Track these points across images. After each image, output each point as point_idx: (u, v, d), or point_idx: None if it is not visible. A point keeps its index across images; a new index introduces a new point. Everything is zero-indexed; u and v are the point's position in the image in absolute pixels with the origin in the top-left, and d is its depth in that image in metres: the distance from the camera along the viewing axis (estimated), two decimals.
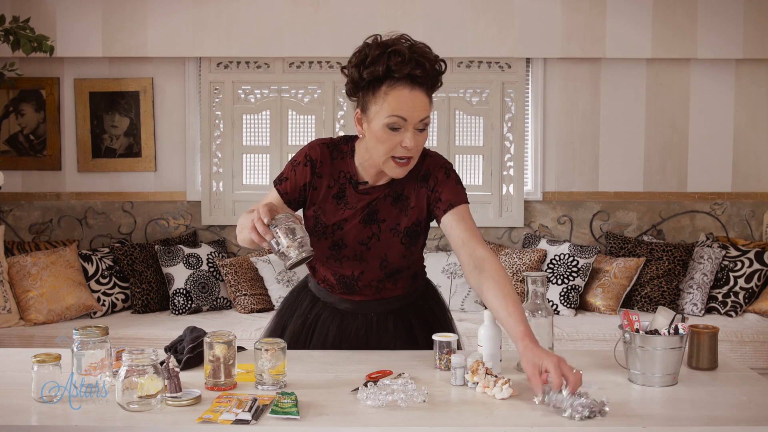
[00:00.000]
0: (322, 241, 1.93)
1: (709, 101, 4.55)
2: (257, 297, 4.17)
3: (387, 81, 1.76)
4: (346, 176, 1.93)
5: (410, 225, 1.92)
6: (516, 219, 4.57)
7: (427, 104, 1.78)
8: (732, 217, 4.60)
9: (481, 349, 1.77)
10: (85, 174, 4.57)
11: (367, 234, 1.92)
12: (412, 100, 1.75)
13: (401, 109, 1.75)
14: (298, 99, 4.55)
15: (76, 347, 1.60)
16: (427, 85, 1.78)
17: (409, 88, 1.75)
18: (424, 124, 1.78)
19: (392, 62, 1.74)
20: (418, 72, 1.74)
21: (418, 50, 1.76)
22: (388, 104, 1.76)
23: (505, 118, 4.54)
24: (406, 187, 1.92)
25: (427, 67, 1.75)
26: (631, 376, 1.72)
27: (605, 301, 4.11)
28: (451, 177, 1.91)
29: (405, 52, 1.74)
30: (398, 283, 1.99)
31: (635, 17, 4.39)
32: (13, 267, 3.95)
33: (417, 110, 1.76)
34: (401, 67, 1.73)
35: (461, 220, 1.84)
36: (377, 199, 1.91)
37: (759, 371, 3.41)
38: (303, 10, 4.36)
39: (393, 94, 1.76)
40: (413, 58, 1.74)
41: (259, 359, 1.64)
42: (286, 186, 1.93)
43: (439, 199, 1.88)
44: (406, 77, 1.75)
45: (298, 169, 1.93)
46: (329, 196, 1.93)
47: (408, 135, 1.76)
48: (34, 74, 4.48)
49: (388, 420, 1.46)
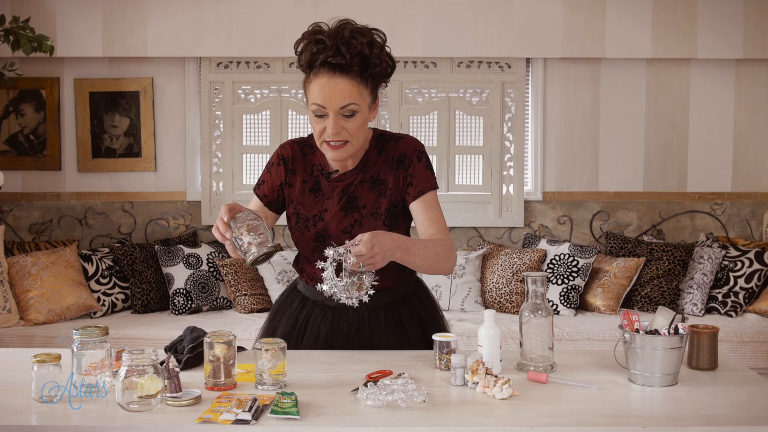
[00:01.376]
0: (306, 235, 1.95)
1: (709, 101, 4.55)
2: (257, 297, 4.17)
3: (313, 69, 1.81)
4: (318, 168, 1.98)
5: (390, 206, 1.95)
6: (516, 219, 4.57)
7: (351, 91, 1.79)
8: (732, 217, 4.60)
9: (481, 349, 1.77)
10: (85, 174, 4.57)
11: (349, 221, 1.94)
12: (331, 88, 1.78)
13: (319, 97, 1.79)
14: (298, 99, 4.55)
15: (76, 347, 1.60)
16: (353, 71, 1.78)
17: (329, 76, 1.78)
18: (350, 110, 1.80)
19: (315, 49, 1.78)
20: (337, 59, 1.76)
21: (344, 36, 1.77)
22: (311, 92, 1.82)
23: (505, 118, 4.54)
24: (381, 170, 1.96)
25: (344, 53, 1.75)
26: (631, 376, 1.72)
27: (605, 301, 4.11)
28: (422, 161, 1.95)
29: (326, 40, 1.77)
30: (385, 271, 1.96)
31: (635, 17, 4.39)
32: (13, 267, 3.95)
33: (335, 98, 1.78)
34: (319, 54, 1.77)
35: (428, 208, 1.92)
36: (353, 186, 1.95)
37: (759, 371, 3.41)
38: (303, 10, 4.37)
39: (315, 82, 1.81)
40: (335, 44, 1.76)
41: (259, 359, 1.64)
42: (264, 189, 2.00)
43: (410, 183, 1.93)
44: (325, 64, 1.78)
45: (273, 170, 2.00)
46: (306, 190, 1.98)
47: (329, 122, 1.80)
48: (34, 74, 4.48)
49: (388, 420, 1.46)
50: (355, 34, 1.78)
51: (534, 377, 1.71)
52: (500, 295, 4.15)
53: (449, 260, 1.87)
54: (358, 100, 1.80)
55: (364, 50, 1.78)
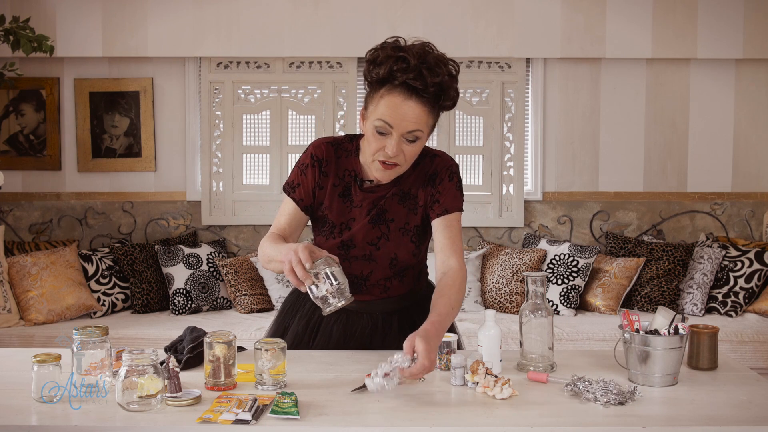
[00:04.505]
0: (330, 241, 1.93)
1: (709, 101, 4.55)
2: (257, 297, 4.17)
3: (387, 84, 1.74)
4: (351, 174, 1.93)
5: (420, 223, 1.93)
6: (516, 219, 4.57)
7: (421, 117, 1.74)
8: (732, 217, 4.60)
9: (481, 349, 1.77)
10: (85, 174, 4.57)
11: (377, 234, 1.92)
12: (404, 110, 1.73)
13: (390, 115, 1.73)
14: (298, 99, 4.55)
15: (76, 347, 1.60)
16: (426, 98, 1.74)
17: (404, 97, 1.72)
18: (414, 136, 1.76)
19: (396, 67, 1.71)
20: (418, 83, 1.70)
21: (429, 61, 1.72)
22: (380, 108, 1.74)
23: (505, 118, 4.54)
24: (413, 186, 1.92)
25: (428, 80, 1.71)
26: (631, 376, 1.72)
27: (605, 301, 4.11)
28: (453, 181, 1.92)
29: (411, 60, 1.70)
30: (404, 280, 1.99)
31: (635, 17, 4.39)
32: (13, 267, 3.95)
33: (406, 121, 1.73)
34: (402, 74, 1.71)
35: (448, 227, 1.88)
36: (384, 198, 1.91)
37: (759, 371, 3.41)
38: (303, 10, 4.37)
39: (387, 99, 1.74)
40: (418, 68, 1.70)
41: (259, 359, 1.64)
42: (299, 193, 1.92)
43: (437, 201, 1.90)
44: (404, 85, 1.72)
45: (308, 172, 1.92)
46: (335, 195, 1.92)
47: (391, 143, 1.75)
48: (34, 74, 4.48)
49: (388, 420, 1.46)
50: (439, 62, 1.74)
51: (534, 377, 1.71)
52: (500, 295, 4.15)
53: (463, 293, 1.85)
54: (423, 127, 1.77)
55: (444, 81, 1.73)
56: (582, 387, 1.59)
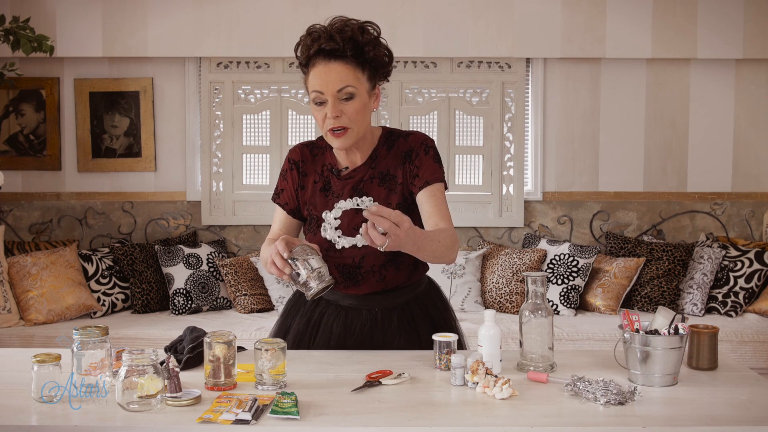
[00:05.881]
0: (318, 235, 1.94)
1: (709, 101, 4.55)
2: (257, 297, 4.17)
3: (309, 61, 1.86)
4: (327, 168, 2.00)
5: (401, 201, 1.96)
6: (516, 219, 4.57)
7: (346, 74, 1.84)
8: (732, 217, 4.60)
9: (481, 349, 1.77)
10: (85, 174, 4.57)
11: (360, 219, 1.92)
12: (326, 73, 1.83)
13: (318, 83, 1.84)
14: (298, 99, 4.55)
15: (76, 347, 1.60)
16: (347, 56, 1.83)
17: (324, 62, 1.83)
18: (347, 93, 1.84)
19: (309, 41, 1.84)
20: (330, 45, 1.81)
21: (336, 25, 1.84)
22: (309, 81, 1.87)
23: (505, 118, 4.54)
24: (391, 166, 1.97)
25: (338, 39, 1.81)
26: (631, 376, 1.72)
27: (605, 301, 4.11)
28: (429, 154, 1.96)
29: (320, 30, 1.83)
30: (401, 267, 1.99)
31: (635, 17, 4.39)
32: (13, 267, 3.95)
33: (332, 81, 1.82)
34: (315, 43, 1.83)
35: (432, 197, 1.92)
36: (362, 182, 1.96)
37: (759, 371, 3.41)
38: (303, 10, 4.37)
39: (312, 72, 1.86)
40: (327, 31, 1.82)
41: (259, 359, 1.64)
42: (284, 197, 2.04)
43: (416, 175, 1.94)
44: (320, 52, 1.83)
45: (288, 176, 2.04)
46: (317, 191, 2.00)
47: (328, 107, 1.83)
48: (34, 74, 4.48)
49: (388, 420, 1.46)
50: (347, 23, 1.85)
51: (534, 377, 1.71)
52: (500, 295, 4.15)
53: (453, 251, 1.87)
54: (354, 83, 1.84)
55: (357, 36, 1.83)
56: (582, 387, 1.60)
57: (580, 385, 1.60)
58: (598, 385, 1.59)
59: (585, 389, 1.58)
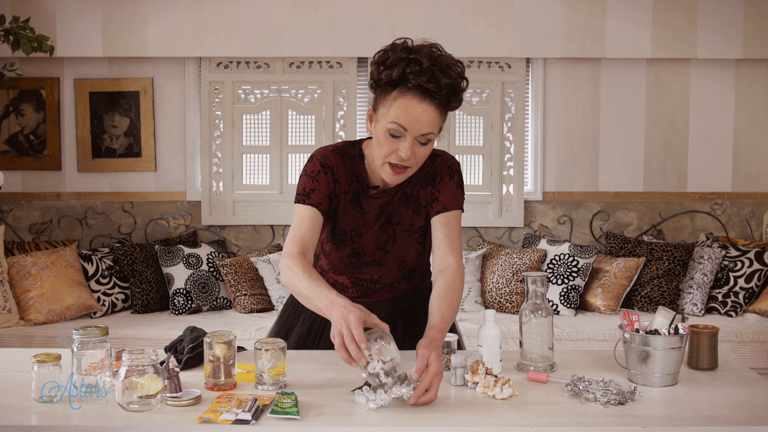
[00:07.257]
0: (342, 249, 1.93)
1: (709, 101, 4.55)
2: (257, 297, 4.17)
3: (399, 87, 1.71)
4: (358, 180, 1.91)
5: (424, 224, 1.93)
6: (516, 219, 4.57)
7: (434, 119, 1.73)
8: (732, 217, 4.60)
9: (481, 349, 1.77)
10: (85, 174, 4.57)
11: (384, 238, 1.92)
12: (418, 113, 1.70)
13: (404, 118, 1.70)
14: (298, 99, 4.55)
15: (76, 347, 1.60)
16: (439, 100, 1.72)
17: (418, 100, 1.70)
18: (427, 138, 1.74)
19: (409, 69, 1.69)
20: (432, 86, 1.68)
21: (440, 63, 1.71)
22: (394, 110, 1.71)
23: (505, 118, 4.54)
24: (415, 187, 1.92)
25: (442, 82, 1.69)
26: (631, 376, 1.72)
27: (605, 301, 4.11)
28: (453, 179, 1.90)
29: (424, 62, 1.69)
30: (412, 281, 2.01)
31: (635, 17, 4.39)
32: (13, 267, 3.95)
33: (420, 123, 1.71)
34: (416, 76, 1.68)
35: (447, 225, 1.86)
36: (391, 203, 1.91)
37: (759, 371, 3.41)
38: (303, 10, 4.37)
39: (401, 102, 1.71)
40: (431, 70, 1.68)
41: (259, 359, 1.64)
42: (315, 197, 1.84)
43: (436, 198, 1.89)
44: (418, 88, 1.70)
45: (320, 178, 1.86)
46: (347, 202, 1.91)
47: (405, 145, 1.72)
48: (34, 74, 4.48)
49: (388, 420, 1.46)
50: (450, 64, 1.73)
51: (534, 377, 1.71)
52: (500, 295, 4.15)
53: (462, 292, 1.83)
54: (435, 129, 1.75)
55: (457, 84, 1.72)
56: (582, 387, 1.60)
57: (580, 385, 1.60)
58: (598, 385, 1.59)
59: (585, 389, 1.58)
